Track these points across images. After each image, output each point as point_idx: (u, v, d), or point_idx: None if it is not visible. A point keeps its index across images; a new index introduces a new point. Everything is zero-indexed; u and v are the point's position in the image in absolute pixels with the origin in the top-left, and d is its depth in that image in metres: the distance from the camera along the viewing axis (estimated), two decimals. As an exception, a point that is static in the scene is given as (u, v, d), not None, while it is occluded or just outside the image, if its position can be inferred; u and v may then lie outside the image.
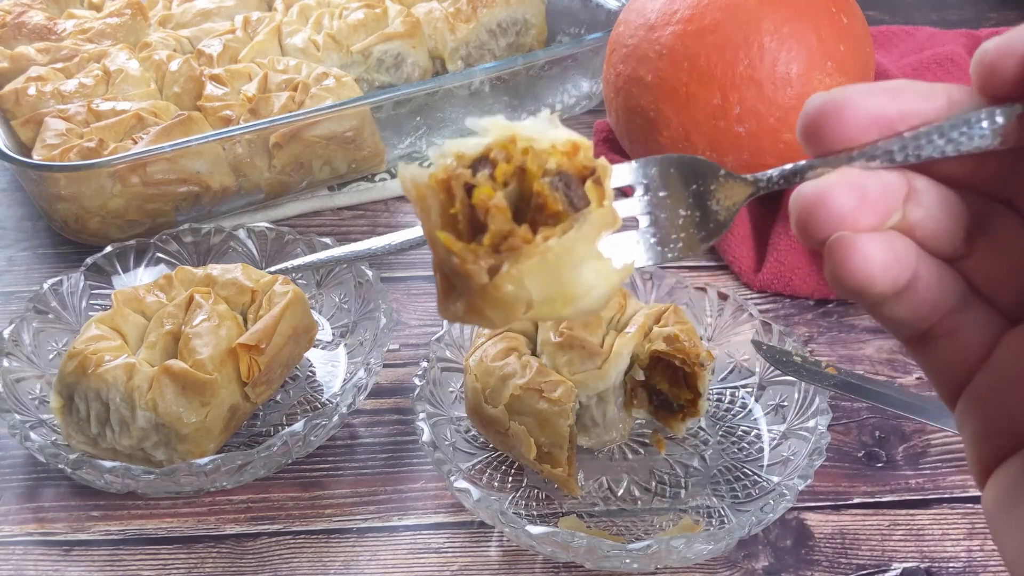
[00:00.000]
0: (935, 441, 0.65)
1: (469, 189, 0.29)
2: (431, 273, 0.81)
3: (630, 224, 0.33)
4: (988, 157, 0.29)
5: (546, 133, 0.30)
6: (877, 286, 0.29)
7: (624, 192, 0.34)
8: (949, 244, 0.30)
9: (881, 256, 0.28)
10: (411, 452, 0.66)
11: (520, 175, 0.30)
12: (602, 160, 0.31)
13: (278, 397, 0.68)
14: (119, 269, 0.75)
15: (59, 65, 0.93)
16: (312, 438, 0.63)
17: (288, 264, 0.74)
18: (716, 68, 0.76)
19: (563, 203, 0.29)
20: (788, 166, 0.31)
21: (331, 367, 0.71)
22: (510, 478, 0.62)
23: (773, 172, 0.32)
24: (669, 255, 0.33)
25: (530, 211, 0.30)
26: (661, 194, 0.34)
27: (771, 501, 0.55)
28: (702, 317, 0.69)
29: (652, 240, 0.33)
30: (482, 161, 0.30)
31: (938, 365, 0.32)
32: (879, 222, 0.29)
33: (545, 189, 0.29)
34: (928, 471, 0.63)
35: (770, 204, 0.83)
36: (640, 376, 0.63)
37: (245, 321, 0.66)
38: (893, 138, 0.29)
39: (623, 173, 0.34)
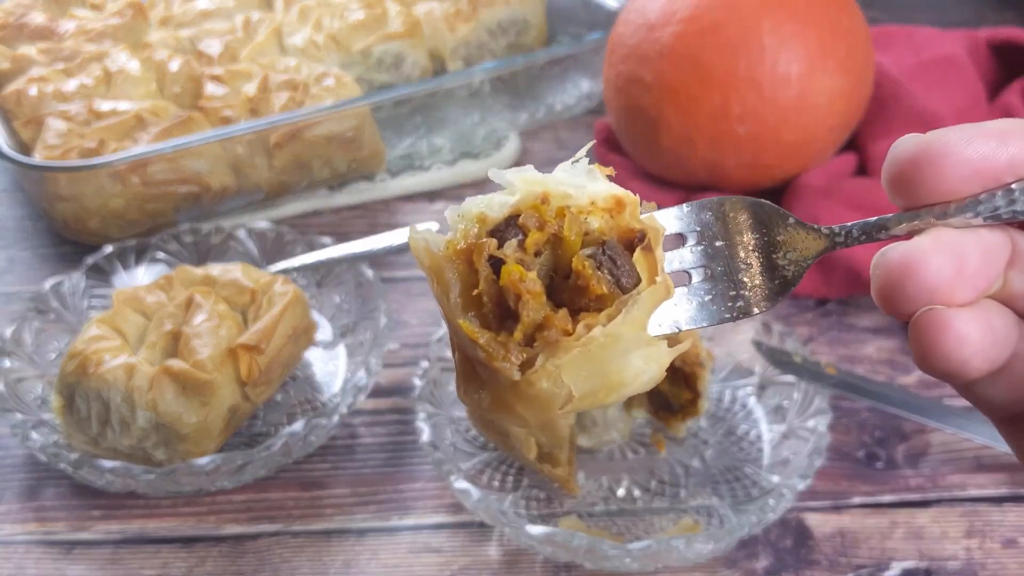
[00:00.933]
0: (935, 441, 0.65)
1: (495, 263, 0.25)
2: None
3: (678, 274, 0.28)
4: None
5: (583, 187, 0.26)
6: (972, 371, 0.25)
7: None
8: None
9: (978, 336, 0.25)
10: (411, 452, 0.66)
11: (555, 241, 0.25)
12: (652, 219, 0.26)
13: (278, 397, 0.69)
14: (119, 269, 0.75)
15: (60, 65, 0.93)
16: (312, 438, 0.63)
17: (288, 264, 0.74)
18: (716, 68, 0.76)
19: (608, 284, 0.25)
20: (872, 219, 0.27)
21: (331, 367, 0.71)
22: (510, 478, 0.63)
23: (853, 226, 0.28)
24: (727, 315, 0.28)
25: (568, 290, 0.25)
26: (717, 244, 0.29)
27: (771, 501, 0.55)
28: (702, 317, 0.69)
29: (706, 298, 0.28)
30: (509, 224, 0.25)
31: None
32: (977, 295, 0.25)
33: (587, 269, 0.24)
34: (928, 471, 0.63)
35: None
36: (640, 376, 0.62)
37: (245, 321, 0.66)
38: (1000, 190, 0.25)
39: (671, 219, 0.29)
